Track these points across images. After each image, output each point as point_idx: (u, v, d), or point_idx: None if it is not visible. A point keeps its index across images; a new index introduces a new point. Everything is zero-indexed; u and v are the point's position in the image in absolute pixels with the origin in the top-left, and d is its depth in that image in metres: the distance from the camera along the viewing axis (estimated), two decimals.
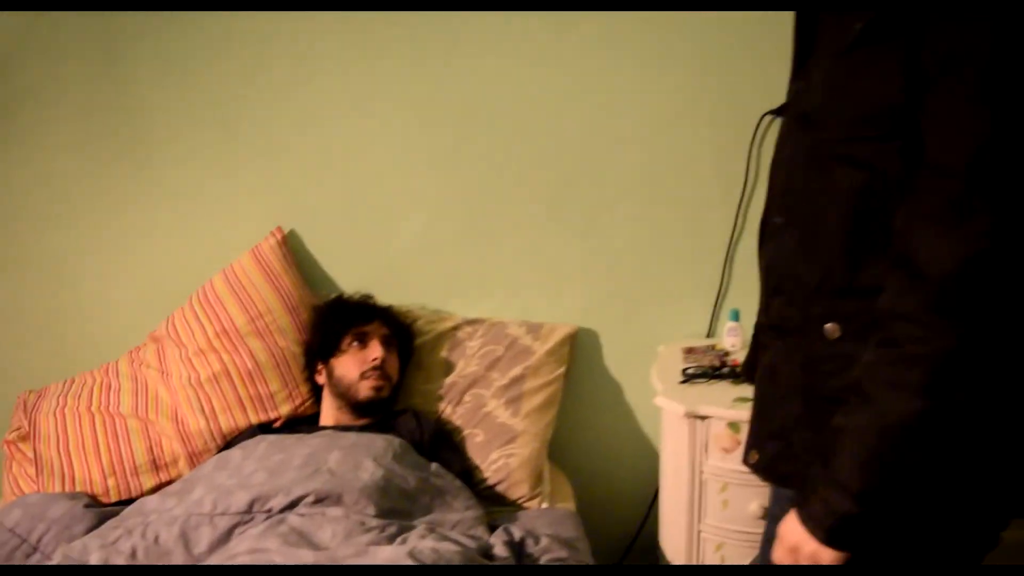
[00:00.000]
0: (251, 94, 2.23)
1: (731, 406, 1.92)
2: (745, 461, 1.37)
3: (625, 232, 2.24)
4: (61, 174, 2.31)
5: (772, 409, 1.32)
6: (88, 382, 2.19)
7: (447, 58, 2.18)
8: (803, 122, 1.21)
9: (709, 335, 2.29)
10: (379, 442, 1.93)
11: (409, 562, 1.51)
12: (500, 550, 1.71)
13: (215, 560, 1.65)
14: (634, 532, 2.40)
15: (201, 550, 1.68)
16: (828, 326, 1.18)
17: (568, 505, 2.12)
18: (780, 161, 1.31)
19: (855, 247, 1.15)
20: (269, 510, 1.73)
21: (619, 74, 2.16)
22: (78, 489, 2.00)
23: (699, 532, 2.02)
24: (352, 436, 1.95)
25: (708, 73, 2.13)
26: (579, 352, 2.30)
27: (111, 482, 2.02)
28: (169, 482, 2.05)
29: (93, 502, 1.97)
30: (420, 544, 1.61)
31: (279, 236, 2.26)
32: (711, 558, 2.03)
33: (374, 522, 1.70)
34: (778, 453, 1.30)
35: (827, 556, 1.14)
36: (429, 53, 2.19)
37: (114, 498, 2.01)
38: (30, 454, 2.07)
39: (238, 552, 1.64)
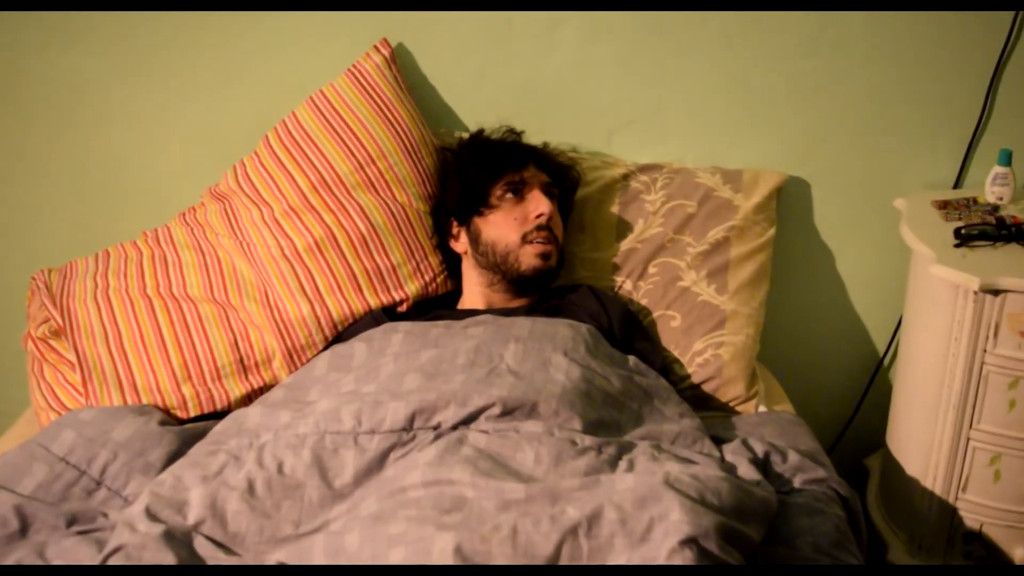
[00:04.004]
0: None
1: None
2: None
3: (857, 49, 1.95)
4: None
5: None
6: (133, 256, 1.86)
7: None
8: None
9: (956, 185, 2.03)
10: (563, 329, 1.66)
11: (668, 494, 1.26)
12: (746, 471, 1.49)
13: (370, 495, 1.38)
14: (839, 430, 2.23)
15: (345, 481, 1.43)
16: None
17: (786, 407, 1.90)
18: None
19: None
20: (437, 426, 1.47)
21: None
22: (144, 400, 1.71)
23: (968, 439, 1.80)
24: (525, 322, 1.67)
25: None
26: (783, 208, 2.03)
27: (187, 390, 1.72)
28: (263, 388, 1.76)
29: (168, 418, 1.70)
30: (670, 469, 1.34)
31: (387, 51, 1.91)
32: (981, 473, 1.82)
33: (586, 440, 1.44)
34: None
35: None
36: None
37: (193, 412, 1.73)
38: (69, 355, 1.74)
39: (409, 484, 1.36)
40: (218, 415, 1.71)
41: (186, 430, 1.63)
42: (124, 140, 2.05)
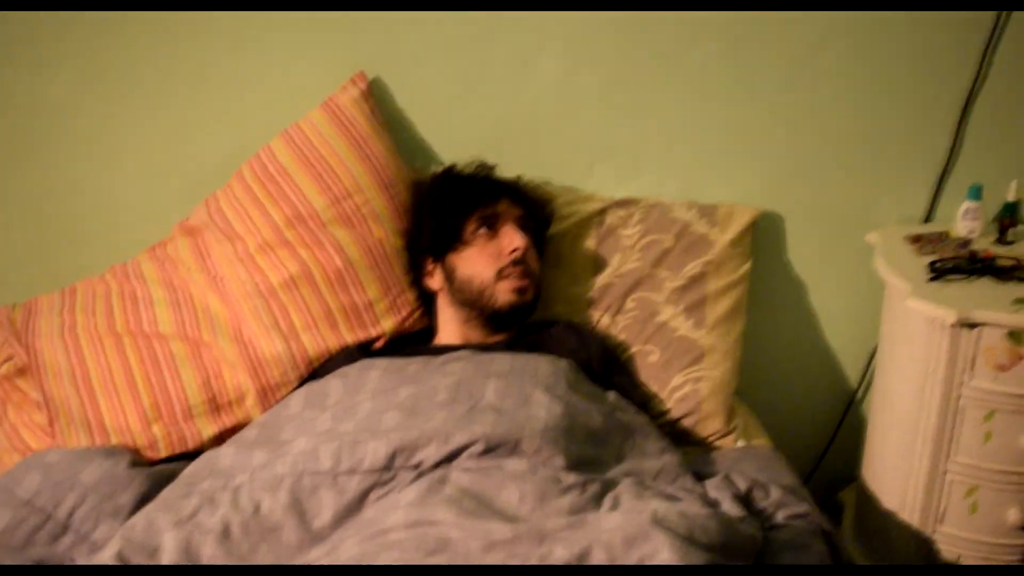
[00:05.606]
0: None
1: (1012, 310, 1.69)
2: None
3: (830, 85, 1.96)
4: None
5: None
6: (100, 291, 1.81)
7: None
8: None
9: (927, 219, 2.05)
10: (544, 365, 1.65)
11: (657, 532, 1.24)
12: (730, 507, 1.48)
13: (350, 536, 1.34)
14: (812, 464, 2.23)
15: (323, 522, 1.40)
16: None
17: (763, 441, 1.88)
18: None
19: None
20: (418, 464, 1.43)
21: None
22: (112, 441, 1.67)
23: (945, 472, 1.81)
24: (504, 358, 1.66)
25: None
26: (757, 243, 2.02)
27: (157, 430, 1.68)
28: (236, 428, 1.72)
29: (138, 459, 1.65)
30: (656, 507, 1.32)
31: (362, 85, 1.89)
32: (958, 505, 1.82)
33: (570, 478, 1.42)
34: None
35: None
36: None
37: (164, 452, 1.69)
38: (34, 394, 1.70)
39: (390, 525, 1.33)
40: (189, 456, 1.66)
41: (157, 472, 1.59)
42: (88, 170, 2.00)
